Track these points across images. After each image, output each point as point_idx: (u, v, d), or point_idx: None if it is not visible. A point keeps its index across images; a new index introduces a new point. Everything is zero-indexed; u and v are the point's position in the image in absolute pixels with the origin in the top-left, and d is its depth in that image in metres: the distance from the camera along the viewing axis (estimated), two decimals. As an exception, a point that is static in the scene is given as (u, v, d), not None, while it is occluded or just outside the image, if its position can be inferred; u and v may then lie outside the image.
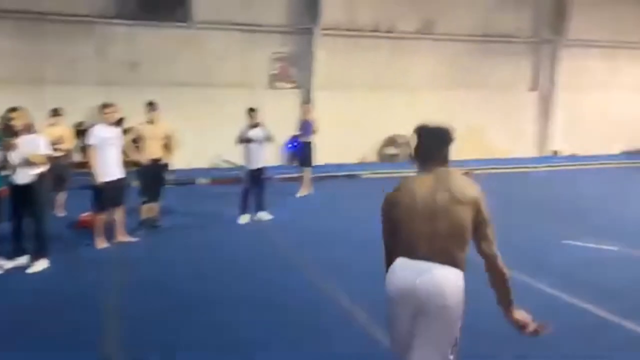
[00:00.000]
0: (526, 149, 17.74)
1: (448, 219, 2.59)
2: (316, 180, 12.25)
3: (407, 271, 2.57)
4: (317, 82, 15.26)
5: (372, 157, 16.05)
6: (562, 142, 17.83)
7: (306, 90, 15.29)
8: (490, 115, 17.11)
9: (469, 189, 2.67)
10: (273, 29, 14.96)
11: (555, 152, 17.75)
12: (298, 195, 11.01)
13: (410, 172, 2.88)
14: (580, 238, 7.49)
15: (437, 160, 2.78)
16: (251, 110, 8.85)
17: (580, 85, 18.01)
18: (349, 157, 15.69)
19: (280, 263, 6.65)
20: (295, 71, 15.42)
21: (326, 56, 15.32)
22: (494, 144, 17.21)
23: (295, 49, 15.30)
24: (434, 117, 11.83)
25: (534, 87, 17.92)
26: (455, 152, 2.75)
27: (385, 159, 15.82)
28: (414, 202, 2.66)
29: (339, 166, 14.59)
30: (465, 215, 2.60)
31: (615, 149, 18.11)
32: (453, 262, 2.56)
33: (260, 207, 8.96)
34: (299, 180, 11.32)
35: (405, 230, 2.64)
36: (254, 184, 8.84)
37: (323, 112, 14.65)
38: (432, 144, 2.82)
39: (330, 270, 6.23)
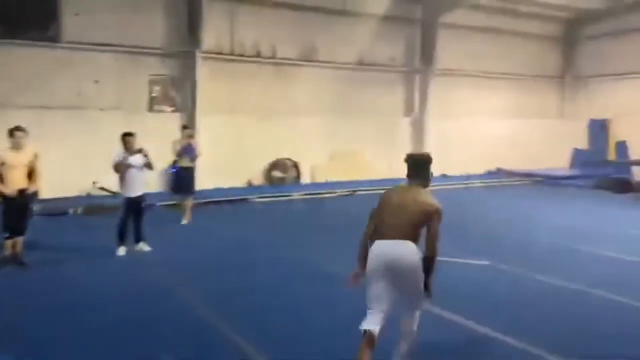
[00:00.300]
0: (404, 171, 18.45)
1: (410, 212, 3.99)
2: (200, 206, 11.91)
3: (383, 246, 3.92)
4: (200, 106, 14.92)
5: (260, 180, 15.91)
6: (434, 164, 18.82)
7: (188, 114, 14.88)
8: (370, 140, 17.75)
9: (428, 200, 4.03)
10: (151, 51, 14.45)
11: (431, 174, 18.69)
12: (180, 223, 10.56)
13: (297, 194, 3.18)
14: (450, 254, 7.79)
15: (418, 177, 4.28)
16: (128, 134, 8.38)
17: (449, 111, 19.35)
18: (235, 181, 15.45)
19: (159, 296, 6.29)
20: (177, 94, 14.98)
21: (209, 79, 15.07)
22: (374, 166, 17.81)
23: (176, 72, 14.88)
24: (317, 141, 12.27)
25: (407, 113, 18.89)
26: (337, 173, 2.97)
27: (273, 182, 15.74)
28: (392, 198, 4.15)
29: (225, 191, 14.29)
30: (420, 215, 3.97)
31: (480, 169, 19.58)
32: (412, 239, 3.93)
33: (139, 238, 8.48)
34: (181, 207, 10.87)
35: (382, 219, 4.05)
36: (132, 213, 8.34)
37: (207, 136, 14.45)
38: (415, 167, 4.34)
39: (213, 302, 6.00)
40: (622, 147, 19.82)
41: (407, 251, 3.85)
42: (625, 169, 17.86)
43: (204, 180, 13.83)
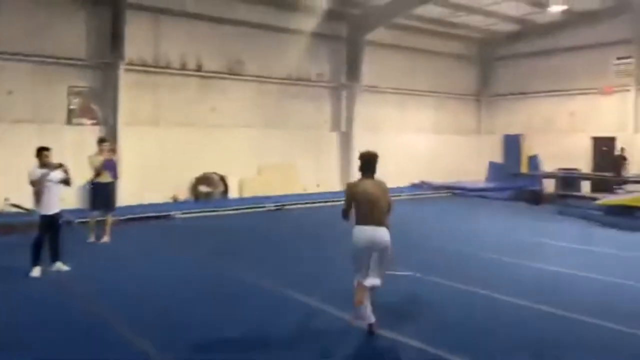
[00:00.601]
0: (333, 184, 18.69)
1: (380, 203, 5.32)
2: (122, 223, 11.40)
3: (366, 231, 5.24)
4: (122, 119, 14.37)
5: (185, 195, 15.48)
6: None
7: (110, 127, 14.29)
8: (299, 154, 17.78)
9: (385, 185, 5.47)
10: (71, 62, 13.78)
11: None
12: (100, 241, 10.02)
13: (223, 209, 3.25)
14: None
15: (370, 171, 5.52)
16: (44, 149, 7.89)
17: (376, 126, 19.75)
18: (160, 196, 14.95)
19: (75, 318, 5.92)
20: (98, 107, 14.35)
21: (132, 92, 14.57)
22: (303, 181, 17.82)
23: (97, 84, 14.25)
24: (245, 155, 12.12)
25: (335, 128, 19.11)
26: (266, 187, 2.99)
27: (200, 197, 15.38)
28: (365, 193, 5.32)
29: (148, 207, 13.75)
30: (386, 200, 5.39)
31: (405, 182, 20.08)
32: (385, 225, 5.34)
33: (56, 257, 7.98)
34: (100, 224, 10.31)
35: (361, 210, 5.27)
36: (48, 231, 7.84)
37: (129, 150, 13.93)
38: (368, 162, 5.55)
39: (132, 322, 5.75)
40: (534, 160, 20.95)
41: (384, 234, 5.35)
42: (536, 181, 18.86)
43: (125, 196, 13.42)
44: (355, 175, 19.66)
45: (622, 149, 17.50)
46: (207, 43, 15.77)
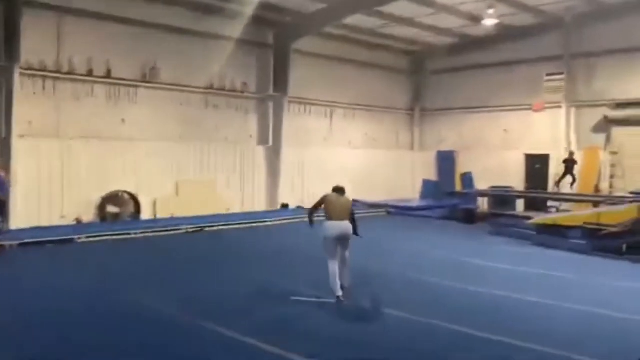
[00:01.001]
0: (259, 203, 18.15)
1: (346, 206, 7.93)
2: (16, 248, 10.53)
3: (335, 225, 7.71)
4: (17, 130, 13.15)
5: (91, 217, 14.38)
6: (290, 195, 18.68)
7: (2, 140, 13.04)
8: (222, 170, 17.27)
9: (350, 201, 8.14)
10: (-47, 64, 12.49)
11: (286, 205, 18.46)
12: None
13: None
14: (299, 292, 7.84)
15: (341, 192, 8.05)
16: None
17: (305, 140, 19.51)
18: (60, 218, 13.78)
19: None
20: (-14, 116, 13.07)
21: (29, 100, 13.44)
22: (226, 199, 17.24)
23: (-15, 90, 13.01)
24: (160, 171, 11.44)
25: (262, 142, 18.62)
26: (184, 207, 2.37)
27: (107, 219, 14.39)
28: (335, 198, 7.95)
29: (46, 230, 12.71)
30: (349, 206, 8.00)
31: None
32: (350, 220, 7.87)
33: None
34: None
35: (332, 210, 7.81)
36: None
37: (25, 166, 12.93)
38: (339, 189, 8.09)
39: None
40: (467, 178, 21.23)
41: (349, 227, 7.80)
42: (471, 200, 19.05)
43: (20, 218, 12.64)
44: (284, 194, 19.15)
45: (572, 153, 17.82)
46: (117, 47, 14.96)
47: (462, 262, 10.77)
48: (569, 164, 17.56)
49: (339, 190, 7.97)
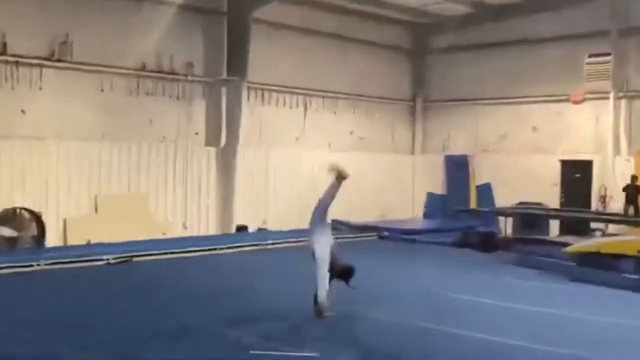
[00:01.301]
0: (207, 224, 18.19)
1: None
2: None
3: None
4: None
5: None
6: (249, 214, 18.57)
7: None
8: (157, 180, 17.29)
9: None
10: None
11: (244, 227, 18.30)
12: None
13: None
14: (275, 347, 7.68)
15: None
16: None
17: (269, 139, 19.58)
18: None
19: None
20: None
21: None
22: (162, 219, 17.25)
23: None
24: (73, 181, 11.63)
25: (212, 141, 18.56)
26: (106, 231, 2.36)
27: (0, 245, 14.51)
28: None
29: None
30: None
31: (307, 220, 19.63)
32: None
33: None
34: None
35: None
36: None
37: None
38: None
39: None
40: (485, 191, 21.34)
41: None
42: (490, 221, 19.08)
43: None
44: (241, 212, 19.02)
45: (635, 177, 18.17)
46: (15, 16, 15.00)
47: (481, 304, 10.76)
48: (631, 190, 17.82)
49: None
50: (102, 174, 16.26)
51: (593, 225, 17.85)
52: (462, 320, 9.44)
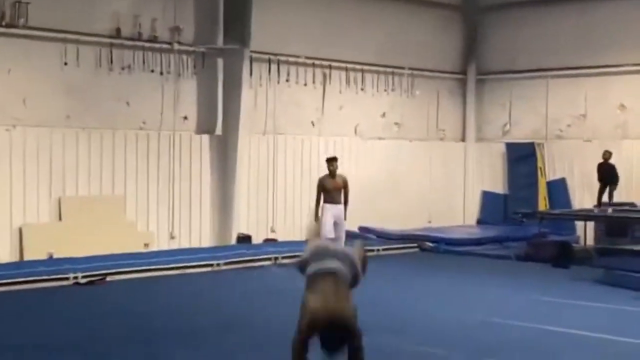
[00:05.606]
0: (200, 233, 18.33)
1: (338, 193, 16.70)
2: None
3: (331, 207, 16.65)
4: None
5: None
6: (253, 221, 18.68)
7: None
8: (136, 178, 17.43)
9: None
10: None
11: (247, 238, 18.38)
12: None
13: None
14: None
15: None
16: None
17: (278, 124, 19.69)
18: None
19: None
20: None
21: None
22: (143, 227, 17.42)
23: None
24: (29, 179, 13.10)
25: (206, 127, 18.74)
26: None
27: None
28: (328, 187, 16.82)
29: None
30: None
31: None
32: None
33: None
34: None
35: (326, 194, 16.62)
36: None
37: None
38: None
39: None
40: (558, 188, 21.24)
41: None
42: (565, 227, 18.99)
43: None
44: (242, 219, 19.40)
45: (609, 153, 18.66)
46: None
47: (550, 335, 10.71)
48: (607, 169, 18.32)
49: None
50: (66, 171, 16.32)
51: None
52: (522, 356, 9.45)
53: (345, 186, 16.58)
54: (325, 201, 16.41)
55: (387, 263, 17.53)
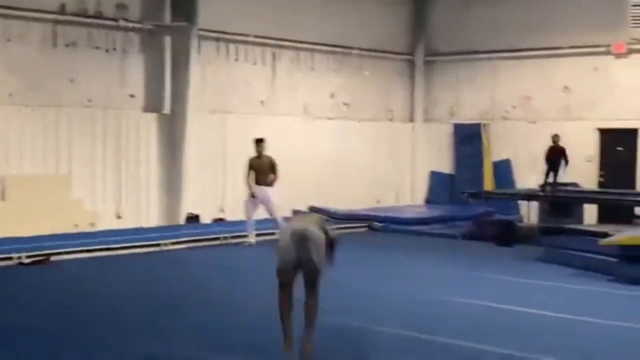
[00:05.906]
0: (147, 213, 18.27)
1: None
2: None
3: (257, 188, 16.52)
4: None
5: None
6: (201, 200, 18.62)
7: None
8: (82, 156, 17.33)
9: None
10: None
11: (195, 217, 18.32)
12: None
13: None
14: None
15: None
16: None
17: (228, 104, 19.68)
18: None
19: None
20: None
21: None
22: (89, 206, 17.31)
23: None
24: None
25: (153, 106, 18.64)
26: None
27: None
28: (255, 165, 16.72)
29: None
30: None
31: (284, 208, 19.70)
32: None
33: None
34: None
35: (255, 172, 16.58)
36: None
37: None
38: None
39: None
40: (504, 168, 21.43)
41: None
42: (509, 206, 19.17)
43: None
44: (191, 198, 19.43)
45: (557, 137, 18.63)
46: None
47: (493, 311, 10.87)
48: (556, 154, 18.38)
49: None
50: (10, 150, 16.20)
51: (639, 211, 18.01)
52: (467, 331, 9.47)
53: (272, 167, 16.42)
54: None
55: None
